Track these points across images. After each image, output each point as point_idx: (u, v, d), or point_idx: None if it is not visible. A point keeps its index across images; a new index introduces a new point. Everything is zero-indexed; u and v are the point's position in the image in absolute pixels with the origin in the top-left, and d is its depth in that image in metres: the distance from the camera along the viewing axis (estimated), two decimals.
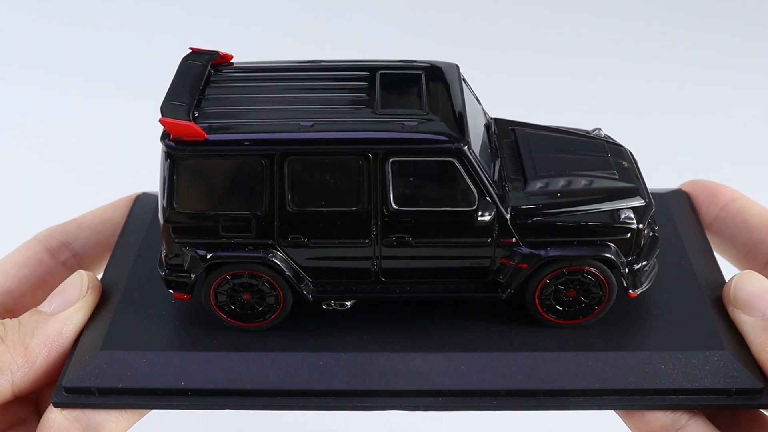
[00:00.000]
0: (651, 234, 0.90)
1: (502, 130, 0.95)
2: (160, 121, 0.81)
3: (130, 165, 1.70)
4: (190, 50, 0.94)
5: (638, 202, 0.87)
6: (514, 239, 0.85)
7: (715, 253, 1.00)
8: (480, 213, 0.83)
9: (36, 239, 1.01)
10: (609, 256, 0.85)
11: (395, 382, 0.84)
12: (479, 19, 2.21)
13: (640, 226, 0.86)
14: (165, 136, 0.82)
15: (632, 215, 0.86)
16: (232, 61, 0.94)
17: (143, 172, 1.21)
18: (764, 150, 1.83)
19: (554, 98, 1.92)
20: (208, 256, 0.84)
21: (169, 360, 0.85)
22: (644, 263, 0.87)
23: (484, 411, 0.84)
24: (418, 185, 0.82)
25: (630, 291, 0.87)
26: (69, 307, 0.89)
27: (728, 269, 0.99)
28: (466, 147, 0.81)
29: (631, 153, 0.95)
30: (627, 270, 0.86)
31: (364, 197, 0.82)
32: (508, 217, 0.84)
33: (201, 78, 0.89)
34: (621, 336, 0.87)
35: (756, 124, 1.90)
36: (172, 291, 0.88)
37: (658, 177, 1.17)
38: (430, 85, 0.89)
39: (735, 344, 0.85)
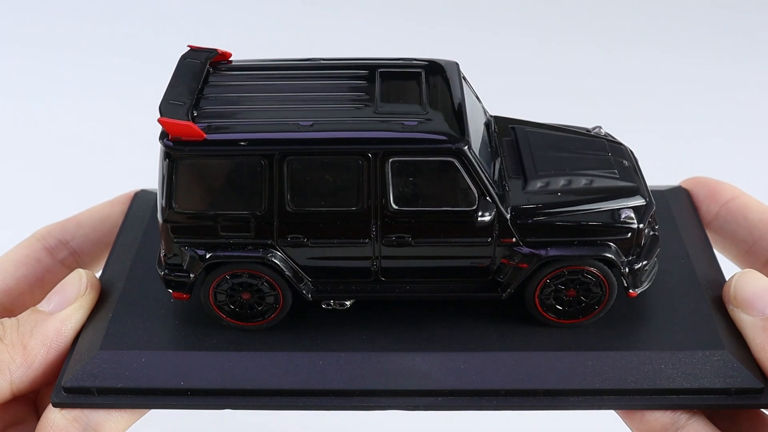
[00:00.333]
0: (651, 233, 0.89)
1: (502, 129, 0.95)
2: (159, 120, 0.81)
3: (129, 162, 1.69)
4: (189, 48, 0.93)
5: (639, 201, 0.87)
6: (514, 239, 0.84)
7: (716, 252, 1.00)
8: (480, 213, 0.82)
9: (34, 237, 1.01)
10: (609, 255, 0.85)
11: (395, 381, 0.83)
12: (478, 16, 2.20)
13: (641, 225, 0.86)
14: (163, 136, 0.81)
15: (633, 215, 0.85)
16: (230, 59, 0.94)
17: (141, 168, 1.20)
18: (765, 145, 1.82)
19: (553, 94, 1.91)
20: (208, 256, 0.84)
21: (168, 360, 0.85)
22: (644, 263, 0.87)
23: (484, 411, 0.84)
24: (418, 185, 0.82)
25: (630, 290, 0.87)
26: (68, 306, 0.88)
27: (729, 267, 0.99)
28: (466, 147, 0.81)
29: (631, 151, 0.95)
30: (627, 269, 0.86)
31: (364, 197, 0.82)
32: (508, 216, 0.84)
33: (199, 77, 0.88)
34: (621, 335, 0.87)
35: (758, 117, 1.90)
36: (171, 290, 0.87)
37: (658, 171, 1.16)
38: (429, 84, 0.88)
39: (735, 344, 0.85)
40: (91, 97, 1.94)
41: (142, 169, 1.18)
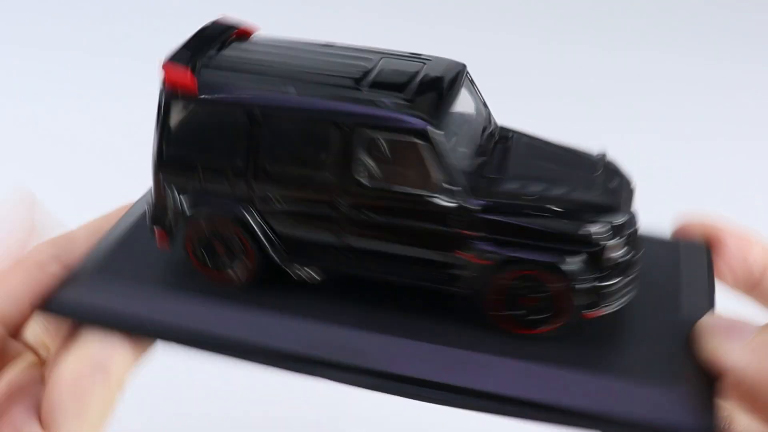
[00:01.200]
0: (629, 256, 0.86)
1: (503, 137, 0.94)
2: (163, 66, 0.85)
3: (128, 162, 1.69)
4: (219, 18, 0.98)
5: (614, 218, 0.84)
6: (474, 233, 0.84)
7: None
8: (440, 198, 0.83)
9: (29, 255, 1.00)
10: (570, 267, 0.83)
11: (345, 356, 0.83)
12: (479, 17, 2.21)
13: (611, 242, 0.84)
14: (162, 84, 0.86)
15: (602, 230, 0.83)
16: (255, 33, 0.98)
17: (141, 169, 1.20)
18: (765, 145, 1.83)
19: (553, 94, 1.92)
20: (189, 211, 0.88)
21: (154, 294, 0.89)
22: (611, 282, 0.84)
23: (429, 402, 0.83)
24: (385, 162, 0.84)
25: (588, 310, 0.84)
26: None
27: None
28: (434, 130, 0.82)
29: (630, 180, 0.91)
30: (588, 286, 0.83)
31: (333, 167, 0.84)
32: (471, 209, 0.84)
33: (218, 41, 0.93)
34: (583, 355, 0.84)
35: (758, 117, 1.90)
36: (155, 227, 0.91)
37: (658, 173, 1.16)
38: (426, 76, 0.89)
39: (695, 384, 0.81)
40: (91, 97, 1.95)
41: (142, 169, 1.17)
